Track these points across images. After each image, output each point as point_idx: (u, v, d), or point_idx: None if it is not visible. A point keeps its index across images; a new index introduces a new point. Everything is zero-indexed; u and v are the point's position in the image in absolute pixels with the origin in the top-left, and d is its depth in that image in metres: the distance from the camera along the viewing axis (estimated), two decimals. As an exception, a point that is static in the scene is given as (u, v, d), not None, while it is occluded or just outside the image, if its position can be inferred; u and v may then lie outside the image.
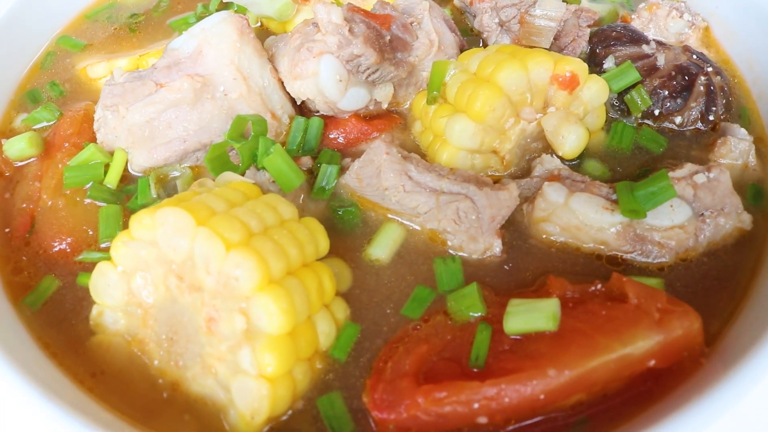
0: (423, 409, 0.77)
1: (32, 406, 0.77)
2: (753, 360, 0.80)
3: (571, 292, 0.90)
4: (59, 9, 1.44)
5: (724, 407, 0.75)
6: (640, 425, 0.77)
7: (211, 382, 0.84)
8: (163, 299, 0.86)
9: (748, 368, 0.79)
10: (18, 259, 1.01)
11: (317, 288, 0.86)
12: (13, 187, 1.10)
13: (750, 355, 0.81)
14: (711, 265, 0.98)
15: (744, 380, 0.77)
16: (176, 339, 0.86)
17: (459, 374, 0.81)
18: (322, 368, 0.87)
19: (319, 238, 0.92)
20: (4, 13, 1.32)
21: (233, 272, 0.79)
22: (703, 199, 1.00)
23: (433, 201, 0.96)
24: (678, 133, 1.18)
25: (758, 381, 0.76)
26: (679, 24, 1.35)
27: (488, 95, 1.00)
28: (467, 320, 0.90)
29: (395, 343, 0.88)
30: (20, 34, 1.35)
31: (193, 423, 0.83)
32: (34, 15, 1.38)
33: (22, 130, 1.20)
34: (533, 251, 1.00)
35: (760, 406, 0.75)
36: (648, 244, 0.98)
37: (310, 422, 0.83)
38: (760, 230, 1.03)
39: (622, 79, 1.17)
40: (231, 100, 1.07)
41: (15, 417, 0.77)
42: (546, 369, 0.77)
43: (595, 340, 0.80)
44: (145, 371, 0.87)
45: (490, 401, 0.77)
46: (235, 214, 0.84)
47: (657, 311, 0.83)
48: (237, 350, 0.80)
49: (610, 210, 0.97)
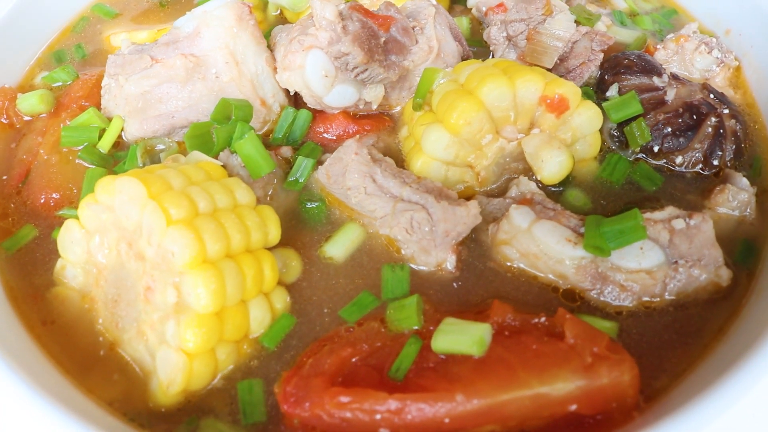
0: (326, 411, 0.77)
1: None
2: (690, 420, 0.75)
3: (511, 320, 0.87)
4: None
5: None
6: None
7: (142, 348, 0.87)
8: (114, 262, 0.91)
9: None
10: (6, 205, 1.09)
11: (256, 275, 0.88)
12: (20, 139, 1.18)
13: (687, 415, 0.76)
14: (675, 317, 0.93)
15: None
16: (119, 302, 0.90)
17: (375, 383, 0.81)
18: (250, 353, 0.89)
19: (270, 227, 0.93)
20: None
21: (170, 247, 0.81)
22: (679, 246, 0.94)
23: (390, 207, 0.95)
24: (677, 174, 1.12)
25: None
26: (707, 60, 1.27)
27: (465, 108, 0.98)
28: (401, 331, 0.89)
29: (324, 342, 0.89)
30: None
31: (120, 383, 0.87)
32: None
33: (40, 86, 1.29)
34: (488, 273, 0.97)
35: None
36: (610, 284, 0.93)
37: (226, 402, 0.84)
38: (739, 290, 0.95)
39: (622, 109, 1.11)
40: (222, 82, 1.10)
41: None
42: (455, 393, 0.75)
43: (516, 373, 0.77)
44: (90, 327, 0.92)
45: (393, 415, 0.76)
46: (186, 192, 0.87)
47: (590, 355, 0.79)
48: (165, 321, 0.83)
49: (573, 243, 0.93)
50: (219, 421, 0.82)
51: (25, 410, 0.76)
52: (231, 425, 0.82)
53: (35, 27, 1.38)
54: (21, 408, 0.76)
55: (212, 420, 0.82)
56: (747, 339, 0.86)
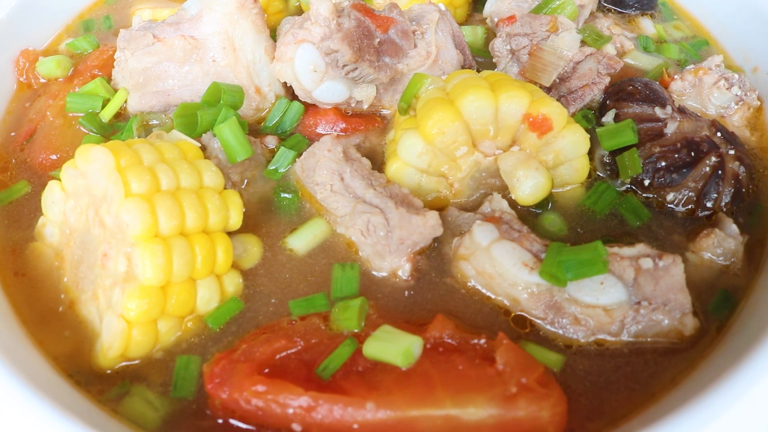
0: (244, 397, 0.78)
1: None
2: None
3: (449, 337, 0.85)
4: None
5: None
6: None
7: (94, 310, 0.91)
8: (82, 226, 0.95)
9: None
10: (8, 160, 1.16)
11: (207, 255, 0.90)
12: (34, 99, 1.26)
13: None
14: (629, 360, 0.88)
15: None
16: (82, 264, 0.94)
17: (301, 378, 0.81)
18: (193, 330, 0.91)
19: (231, 212, 0.95)
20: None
21: (124, 217, 0.85)
22: (644, 286, 0.89)
23: (350, 207, 0.95)
24: (667, 211, 1.06)
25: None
26: (725, 97, 1.20)
27: (441, 117, 0.96)
28: (341, 331, 0.89)
29: (264, 330, 0.90)
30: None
31: (70, 340, 0.91)
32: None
33: (63, 52, 1.36)
34: (442, 287, 0.95)
35: None
36: (563, 315, 0.90)
37: (161, 373, 0.87)
38: (704, 342, 0.90)
39: (615, 137, 1.07)
40: (219, 66, 1.14)
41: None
42: (366, 401, 0.75)
43: (434, 391, 0.76)
44: (55, 284, 0.97)
45: (305, 412, 0.76)
46: (153, 168, 0.90)
47: (516, 385, 0.76)
48: (114, 288, 0.87)
49: (530, 268, 0.90)
50: (149, 389, 0.85)
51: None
52: (159, 395, 0.85)
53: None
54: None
55: (143, 388, 0.85)
56: (699, 392, 0.80)
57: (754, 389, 0.75)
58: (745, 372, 0.78)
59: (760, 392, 0.75)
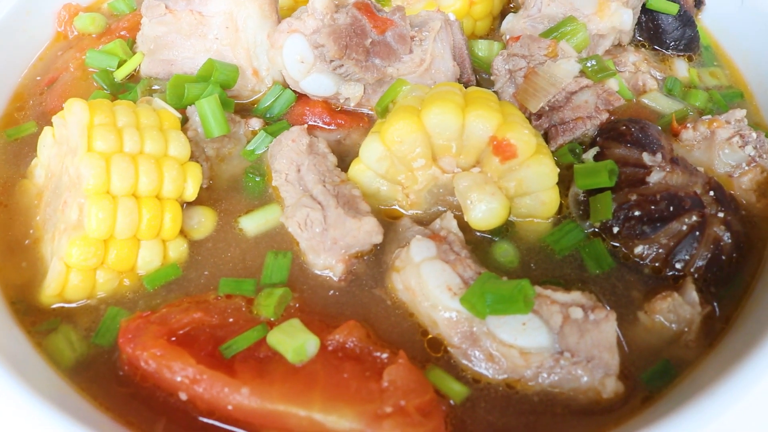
0: (143, 357, 0.82)
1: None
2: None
3: (354, 344, 0.85)
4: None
5: None
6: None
7: (49, 250, 0.99)
8: (58, 172, 1.03)
9: None
10: (27, 101, 1.27)
11: (153, 219, 0.95)
12: (66, 50, 1.37)
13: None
14: (535, 409, 0.84)
15: None
16: (50, 206, 1.03)
17: (202, 352, 0.84)
18: (129, 286, 0.97)
19: (189, 184, 1.00)
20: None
21: (82, 170, 0.91)
22: (568, 337, 0.85)
23: (295, 199, 0.97)
24: (633, 265, 0.99)
25: None
26: (737, 155, 1.09)
27: (402, 126, 0.95)
28: (259, 316, 0.91)
29: (189, 300, 0.94)
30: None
31: (25, 272, 0.99)
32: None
33: (104, 12, 1.47)
34: (369, 294, 0.95)
35: None
36: (478, 348, 0.87)
37: (91, 319, 0.93)
38: (623, 411, 0.84)
39: (590, 176, 1.01)
40: (220, 45, 1.18)
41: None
42: (242, 386, 0.76)
43: (311, 392, 0.77)
44: (28, 220, 1.06)
45: (190, 383, 0.79)
46: (121, 130, 0.96)
47: (393, 406, 0.75)
48: (64, 233, 0.94)
49: (453, 293, 0.88)
50: (74, 331, 0.91)
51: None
52: (81, 339, 0.91)
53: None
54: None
55: (69, 328, 0.92)
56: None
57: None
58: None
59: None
